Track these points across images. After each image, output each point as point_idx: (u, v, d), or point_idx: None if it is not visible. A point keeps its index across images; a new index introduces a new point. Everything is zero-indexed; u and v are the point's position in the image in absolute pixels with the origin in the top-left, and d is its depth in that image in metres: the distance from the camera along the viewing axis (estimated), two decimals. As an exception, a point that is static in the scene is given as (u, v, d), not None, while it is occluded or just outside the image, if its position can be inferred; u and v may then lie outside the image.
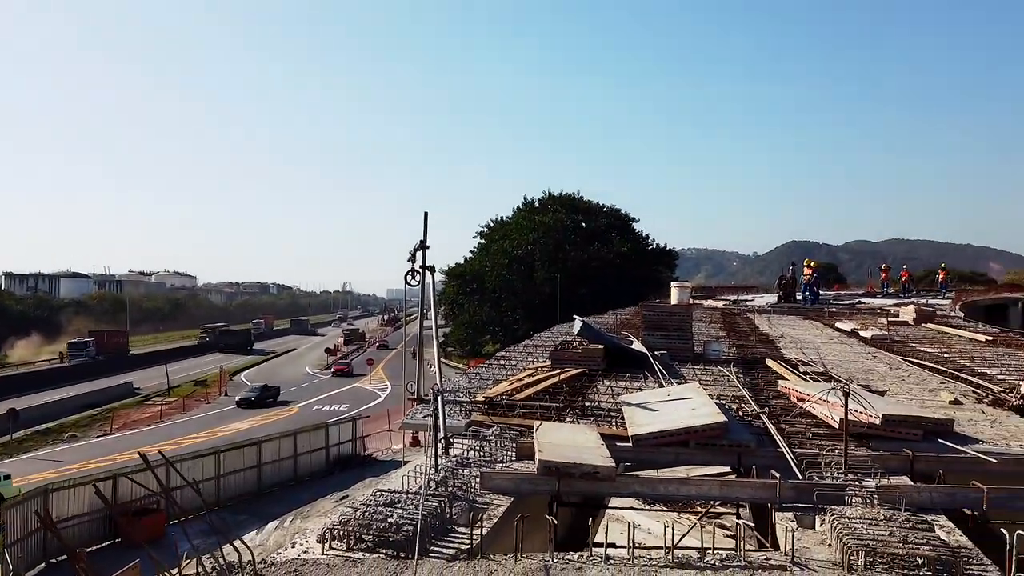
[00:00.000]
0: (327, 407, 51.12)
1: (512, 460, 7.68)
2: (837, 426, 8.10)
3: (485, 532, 5.58)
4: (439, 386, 7.31)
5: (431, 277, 9.50)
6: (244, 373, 74.67)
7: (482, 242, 72.39)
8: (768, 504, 6.61)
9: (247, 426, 43.62)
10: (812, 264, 33.68)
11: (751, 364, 14.36)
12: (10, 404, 45.59)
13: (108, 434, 43.12)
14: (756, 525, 8.26)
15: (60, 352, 78.48)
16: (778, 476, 6.49)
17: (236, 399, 53.78)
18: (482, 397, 10.49)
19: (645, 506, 11.19)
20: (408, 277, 9.26)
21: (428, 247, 9.07)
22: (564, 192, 72.78)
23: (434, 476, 6.46)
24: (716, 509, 9.49)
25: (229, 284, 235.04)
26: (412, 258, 9.22)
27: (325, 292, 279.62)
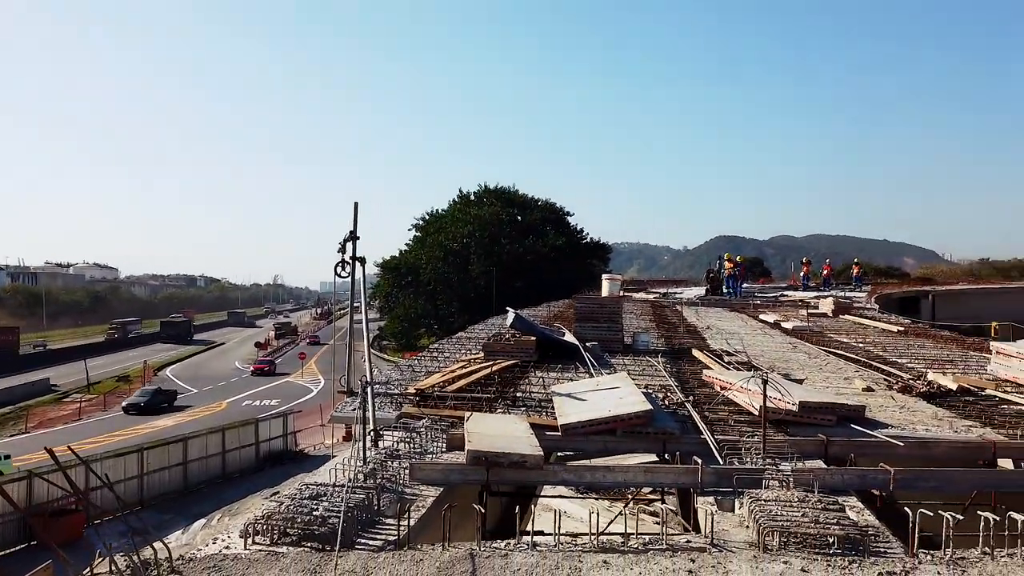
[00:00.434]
0: (257, 403, 49.96)
1: (443, 451, 7.69)
2: (757, 413, 8.39)
3: (413, 523, 5.57)
4: (367, 378, 7.25)
5: (362, 269, 9.39)
6: (170, 368, 72.24)
7: (417, 235, 71.86)
8: (691, 489, 6.82)
9: (172, 423, 42.29)
10: (737, 259, 34.69)
11: (678, 354, 14.73)
12: None
13: (23, 433, 41.10)
14: (681, 510, 8.53)
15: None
16: (700, 462, 6.70)
17: (123, 405, 47.12)
18: (413, 389, 10.47)
19: (577, 494, 11.38)
20: (338, 268, 9.12)
21: (358, 238, 8.95)
22: (500, 185, 72.94)
23: (362, 468, 6.41)
24: (645, 496, 9.72)
25: (154, 276, 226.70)
26: (342, 249, 9.08)
27: (256, 285, 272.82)
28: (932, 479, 6.80)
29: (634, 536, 5.33)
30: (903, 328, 20.11)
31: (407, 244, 72.08)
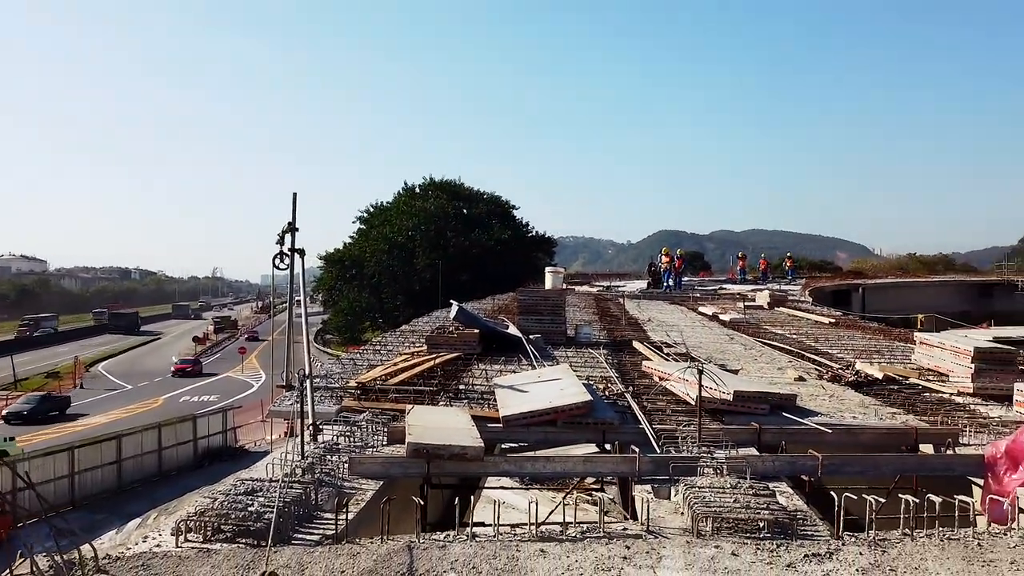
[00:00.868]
0: (195, 399, 48.71)
1: (384, 445, 7.64)
2: (693, 403, 8.58)
3: (352, 517, 5.53)
4: (305, 371, 7.14)
5: (301, 261, 9.23)
6: (103, 363, 69.73)
7: (362, 227, 70.94)
8: (629, 477, 6.94)
9: (106, 420, 40.89)
10: (676, 253, 35.37)
11: (620, 346, 14.95)
12: None
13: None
14: (621, 499, 8.67)
15: None
16: (638, 451, 6.83)
17: (3, 412, 40.75)
18: (355, 383, 10.37)
19: (520, 486, 11.45)
20: (276, 260, 8.95)
21: (297, 229, 8.79)
22: (445, 179, 72.56)
23: (300, 463, 6.33)
24: (587, 486, 9.85)
25: (85, 269, 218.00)
26: (280, 241, 8.91)
27: (194, 278, 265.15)
28: (858, 464, 7.08)
29: (572, 525, 5.40)
30: (834, 320, 20.81)
31: (351, 237, 71.09)
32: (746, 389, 8.96)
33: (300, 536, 5.12)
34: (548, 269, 30.33)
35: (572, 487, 8.25)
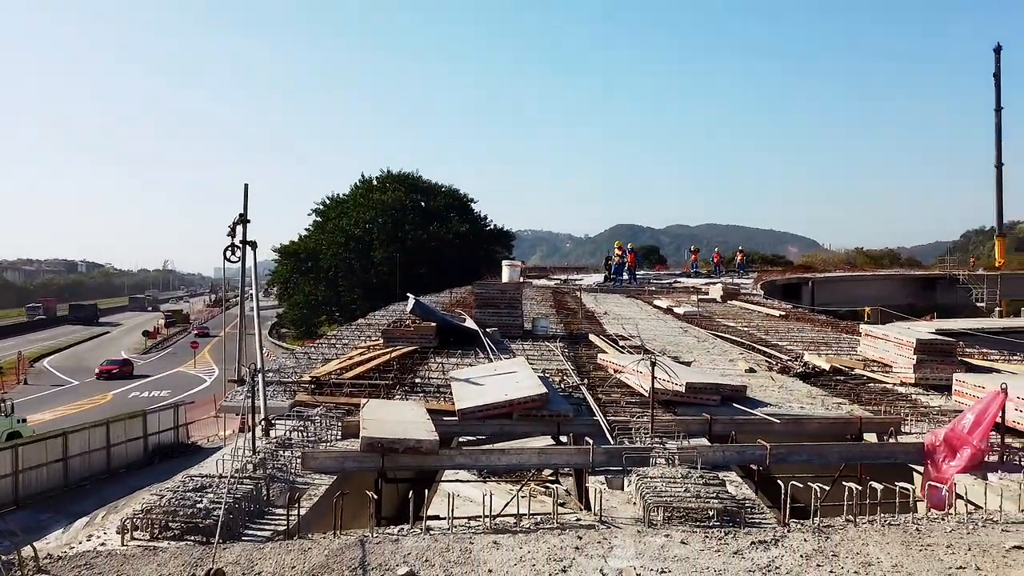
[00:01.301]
0: (146, 394, 47.55)
1: (338, 439, 7.58)
2: (647, 394, 8.69)
3: (305, 512, 5.49)
4: (257, 365, 7.04)
5: (253, 253, 9.08)
6: (49, 358, 67.52)
7: (317, 220, 69.96)
8: (583, 469, 7.01)
9: (51, 416, 39.69)
10: (628, 246, 35.70)
11: (576, 339, 15.06)
12: None
13: None
14: (577, 490, 8.74)
15: None
16: (592, 442, 6.89)
17: None
18: (309, 377, 10.25)
19: (478, 479, 11.47)
20: (227, 253, 8.79)
21: (249, 221, 8.65)
22: (403, 171, 71.93)
23: (251, 458, 6.24)
24: (544, 478, 9.91)
25: (28, 261, 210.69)
26: (232, 233, 8.76)
27: (143, 271, 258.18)
28: (805, 453, 7.27)
29: (526, 517, 5.44)
30: (784, 313, 21.29)
31: (307, 229, 70.07)
32: (698, 381, 9.11)
33: (251, 532, 5.06)
34: (505, 262, 30.34)
35: (527, 479, 8.31)
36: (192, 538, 4.79)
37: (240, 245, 8.72)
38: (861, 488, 6.00)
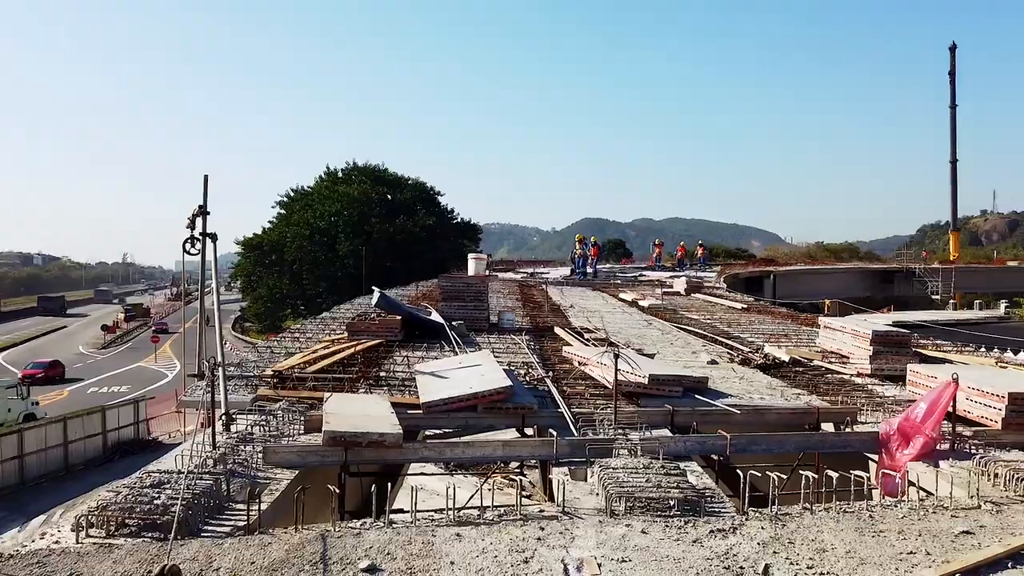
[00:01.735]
0: (104, 389, 46.55)
1: (300, 434, 7.50)
2: (611, 386, 8.77)
3: (265, 507, 5.43)
4: (216, 358, 6.93)
5: (214, 245, 8.94)
6: (3, 354, 65.77)
7: (281, 212, 69.03)
8: (548, 460, 7.06)
9: (5, 414, 38.62)
10: (591, 239, 35.88)
11: (542, 332, 15.11)
12: None
13: None
14: (543, 481, 8.79)
15: None
16: (556, 434, 6.94)
17: None
18: (271, 371, 10.13)
19: (444, 472, 11.46)
20: (187, 245, 8.65)
21: (209, 213, 8.52)
22: (369, 163, 71.30)
23: (211, 454, 6.16)
24: (509, 470, 9.94)
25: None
26: (191, 224, 8.61)
27: (102, 263, 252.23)
28: (764, 443, 7.41)
29: (490, 509, 5.46)
30: (747, 306, 21.59)
31: (270, 222, 69.09)
32: (661, 372, 9.22)
33: (210, 528, 4.99)
34: (471, 255, 30.31)
35: (492, 471, 8.32)
36: (149, 535, 4.71)
37: (200, 237, 8.59)
38: (818, 476, 6.14)
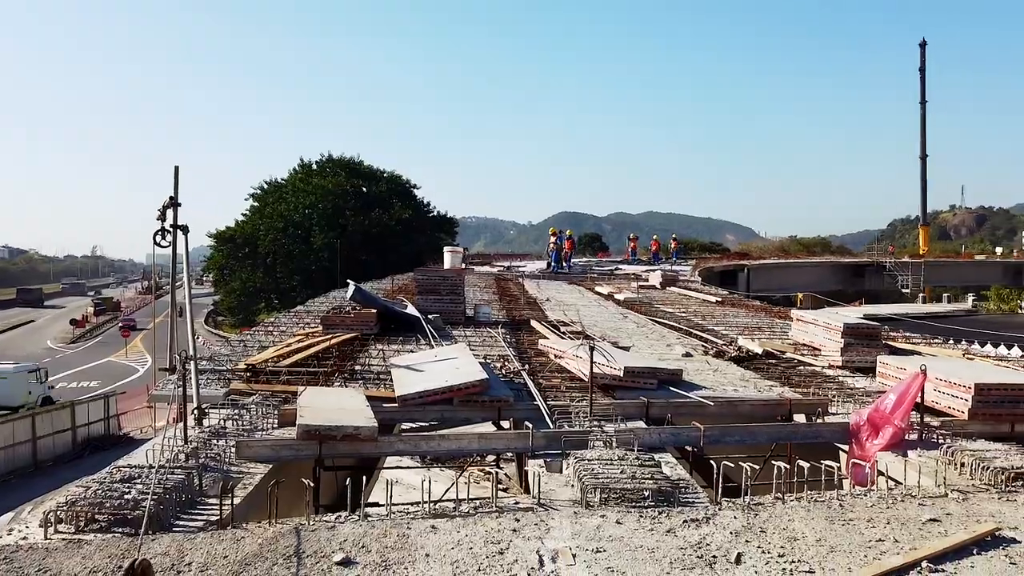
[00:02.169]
0: (74, 384, 45.83)
1: (274, 428, 7.44)
2: (586, 379, 8.80)
3: (239, 502, 5.38)
4: (188, 351, 6.84)
5: (185, 238, 8.81)
6: (-34, 349, 64.38)
7: (255, 204, 68.23)
8: (523, 453, 7.07)
9: (-30, 410, 37.88)
10: (566, 234, 35.97)
11: (518, 325, 15.13)
12: None
13: None
14: (519, 474, 8.81)
15: None
16: (532, 427, 6.95)
17: None
18: (244, 364, 10.03)
19: (420, 465, 11.44)
20: (157, 237, 8.51)
21: (180, 204, 8.38)
22: (343, 156, 70.69)
23: (183, 448, 6.09)
24: (486, 463, 9.95)
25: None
26: (162, 216, 8.47)
27: (70, 256, 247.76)
28: (737, 434, 7.49)
29: (465, 501, 5.46)
30: (721, 299, 21.80)
31: (243, 214, 68.28)
32: (636, 365, 9.27)
33: (182, 523, 4.94)
34: (447, 249, 30.21)
35: (468, 464, 8.33)
36: (119, 530, 4.65)
37: (171, 229, 8.46)
38: (790, 467, 6.22)
